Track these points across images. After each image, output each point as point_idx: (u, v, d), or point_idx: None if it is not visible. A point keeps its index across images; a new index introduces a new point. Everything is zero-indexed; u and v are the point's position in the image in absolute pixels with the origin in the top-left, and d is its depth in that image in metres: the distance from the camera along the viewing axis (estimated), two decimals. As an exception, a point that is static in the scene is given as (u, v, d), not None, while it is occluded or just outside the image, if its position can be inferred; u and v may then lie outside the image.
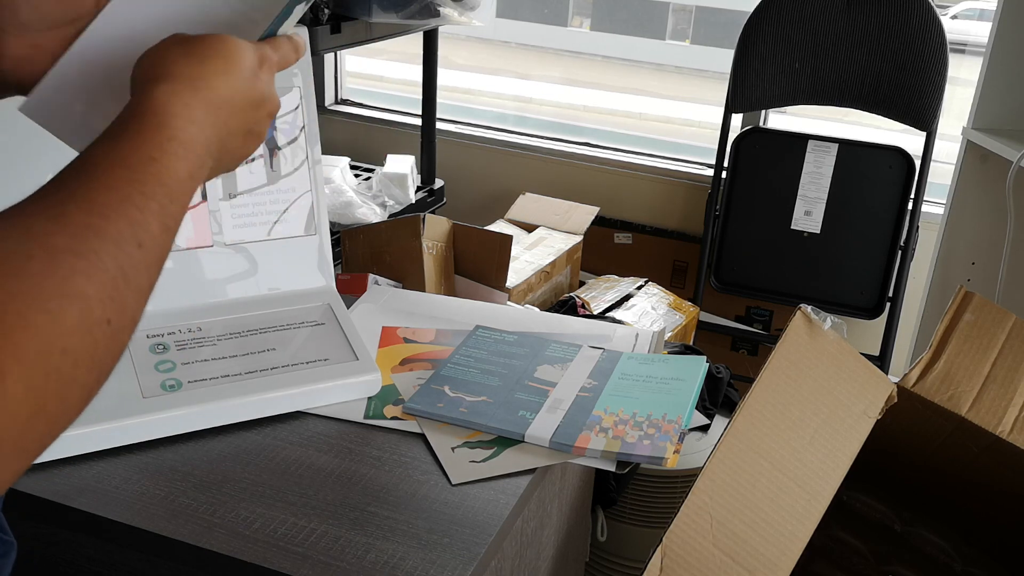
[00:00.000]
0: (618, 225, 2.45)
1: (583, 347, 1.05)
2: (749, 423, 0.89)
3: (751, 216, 2.16)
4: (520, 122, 2.85)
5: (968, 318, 1.06)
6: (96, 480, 0.80)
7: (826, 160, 2.09)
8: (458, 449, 0.87)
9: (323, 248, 1.04)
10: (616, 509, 1.39)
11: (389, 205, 2.11)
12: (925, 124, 2.00)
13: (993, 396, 1.03)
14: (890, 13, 1.98)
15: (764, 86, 2.09)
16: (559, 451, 0.88)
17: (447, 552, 0.74)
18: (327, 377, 0.93)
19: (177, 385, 0.88)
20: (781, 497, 0.87)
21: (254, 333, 0.96)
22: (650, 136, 2.99)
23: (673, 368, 1.00)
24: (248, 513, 0.77)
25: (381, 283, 1.26)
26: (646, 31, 3.56)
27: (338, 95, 2.79)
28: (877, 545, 1.18)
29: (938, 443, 1.07)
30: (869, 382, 0.97)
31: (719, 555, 0.83)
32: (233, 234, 0.99)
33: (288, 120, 1.00)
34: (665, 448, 0.86)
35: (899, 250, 2.06)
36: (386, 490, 0.81)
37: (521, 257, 1.93)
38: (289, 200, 1.01)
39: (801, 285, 2.15)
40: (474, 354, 1.03)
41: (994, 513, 1.15)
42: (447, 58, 2.53)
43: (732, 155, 2.15)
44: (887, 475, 1.16)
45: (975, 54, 2.08)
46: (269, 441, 0.88)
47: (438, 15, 1.93)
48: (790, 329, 0.94)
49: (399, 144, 2.53)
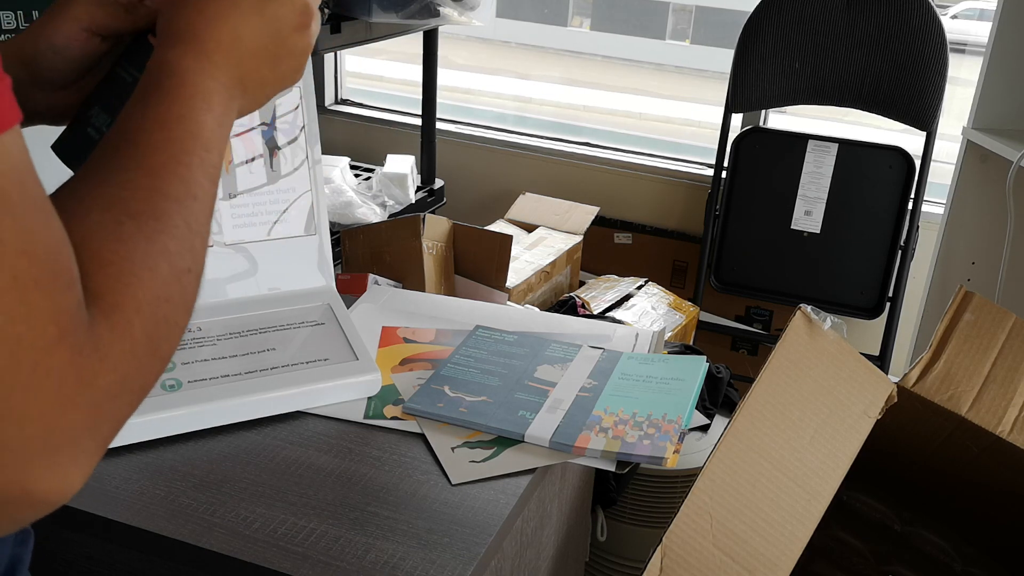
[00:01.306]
0: (618, 225, 2.45)
1: (583, 347, 1.05)
2: (749, 423, 0.89)
3: (751, 216, 2.16)
4: (520, 122, 2.85)
5: (968, 318, 1.06)
6: (96, 480, 0.80)
7: (826, 160, 2.09)
8: (458, 449, 0.87)
9: (323, 248, 1.04)
10: (616, 509, 1.39)
11: (389, 205, 2.11)
12: (925, 124, 2.00)
13: (993, 396, 1.03)
14: (890, 13, 1.98)
15: (764, 86, 2.09)
16: (559, 451, 0.88)
17: (447, 552, 0.74)
18: (327, 377, 0.93)
19: (177, 385, 0.88)
20: (781, 497, 0.87)
21: (254, 333, 0.96)
22: (650, 136, 2.99)
23: (673, 368, 1.00)
24: (248, 513, 0.77)
25: (381, 283, 1.26)
26: (646, 31, 3.56)
27: (338, 95, 2.79)
28: (877, 545, 1.18)
29: (938, 443, 1.07)
30: (869, 382, 0.97)
31: (719, 555, 0.83)
32: (233, 234, 0.99)
33: (288, 120, 1.00)
34: (665, 448, 0.86)
35: (899, 250, 2.06)
36: (386, 490, 0.81)
37: (521, 257, 1.93)
38: (289, 200, 1.01)
39: (801, 285, 2.15)
40: (474, 354, 1.03)
41: (994, 513, 1.15)
42: (447, 58, 2.53)
43: (732, 155, 2.15)
44: (887, 475, 1.16)
45: (975, 54, 2.08)
46: (269, 441, 0.88)
47: (438, 15, 1.93)
48: (790, 329, 0.94)
49: (399, 144, 2.53)
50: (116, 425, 0.41)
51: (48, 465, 0.36)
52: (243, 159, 0.98)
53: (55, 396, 0.36)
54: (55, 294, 0.37)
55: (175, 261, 0.45)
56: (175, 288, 0.44)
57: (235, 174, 0.98)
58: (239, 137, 0.98)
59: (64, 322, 0.37)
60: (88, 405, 0.38)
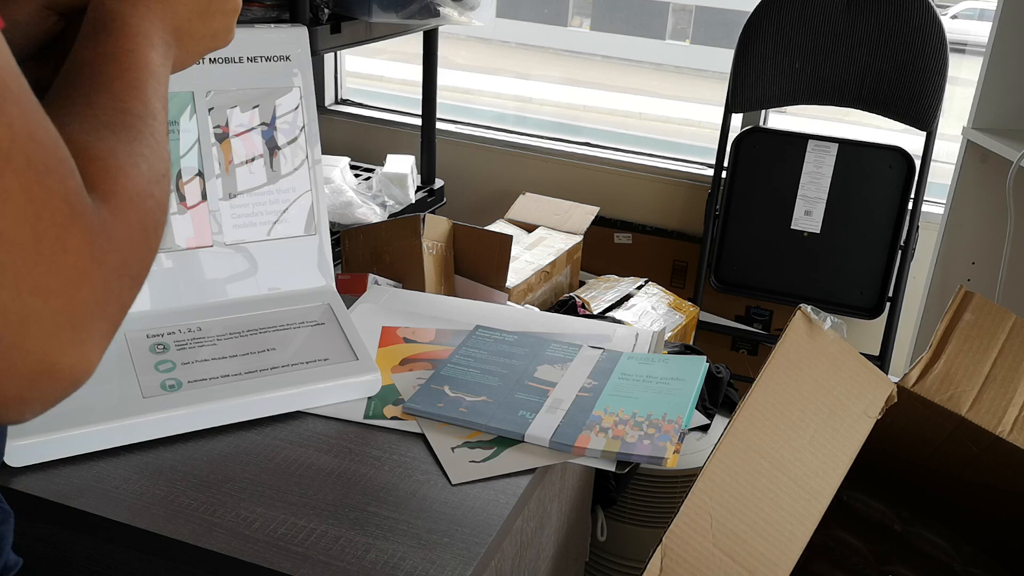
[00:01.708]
0: (618, 225, 2.45)
1: (583, 347, 1.05)
2: (749, 423, 0.89)
3: (751, 216, 2.16)
4: (520, 122, 2.85)
5: (968, 318, 1.06)
6: (96, 480, 0.80)
7: (826, 160, 2.09)
8: (458, 449, 0.87)
9: (323, 248, 1.04)
10: (616, 509, 1.39)
11: (389, 205, 2.11)
12: (925, 124, 2.00)
13: (993, 396, 1.03)
14: (890, 13, 1.98)
15: (764, 86, 2.09)
16: (559, 451, 0.88)
17: (447, 552, 0.74)
18: (327, 377, 0.93)
19: (177, 385, 0.88)
20: (781, 497, 0.87)
21: (254, 333, 0.96)
22: (650, 136, 2.99)
23: (673, 368, 1.00)
24: (248, 513, 0.77)
25: (381, 283, 1.27)
26: (646, 31, 3.56)
27: (338, 95, 2.79)
28: (877, 545, 1.18)
29: (938, 443, 1.07)
30: (869, 382, 0.97)
31: (719, 555, 0.83)
32: (233, 234, 0.99)
33: (288, 120, 1.00)
34: (665, 448, 0.86)
35: (899, 250, 2.06)
36: (386, 490, 0.81)
37: (521, 257, 1.93)
38: (289, 200, 1.01)
39: (801, 285, 2.15)
40: (474, 354, 1.03)
41: (994, 513, 1.15)
42: (447, 58, 2.53)
43: (732, 155, 2.15)
44: (887, 475, 1.16)
45: (975, 54, 2.08)
46: (269, 441, 0.88)
47: (438, 15, 1.93)
48: (790, 329, 0.94)
49: (399, 144, 2.53)
50: (121, 309, 0.44)
51: (71, 339, 0.39)
52: (243, 159, 0.98)
53: (73, 271, 0.39)
54: (65, 177, 0.39)
55: (152, 164, 0.48)
56: (155, 188, 0.48)
57: (235, 174, 0.98)
58: (239, 137, 0.98)
59: (75, 203, 0.40)
60: (100, 282, 0.41)
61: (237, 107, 0.97)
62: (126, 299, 0.45)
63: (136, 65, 0.54)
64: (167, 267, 0.95)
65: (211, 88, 0.96)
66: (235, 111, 0.97)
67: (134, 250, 0.44)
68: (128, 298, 0.45)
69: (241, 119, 0.98)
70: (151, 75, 0.54)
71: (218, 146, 0.97)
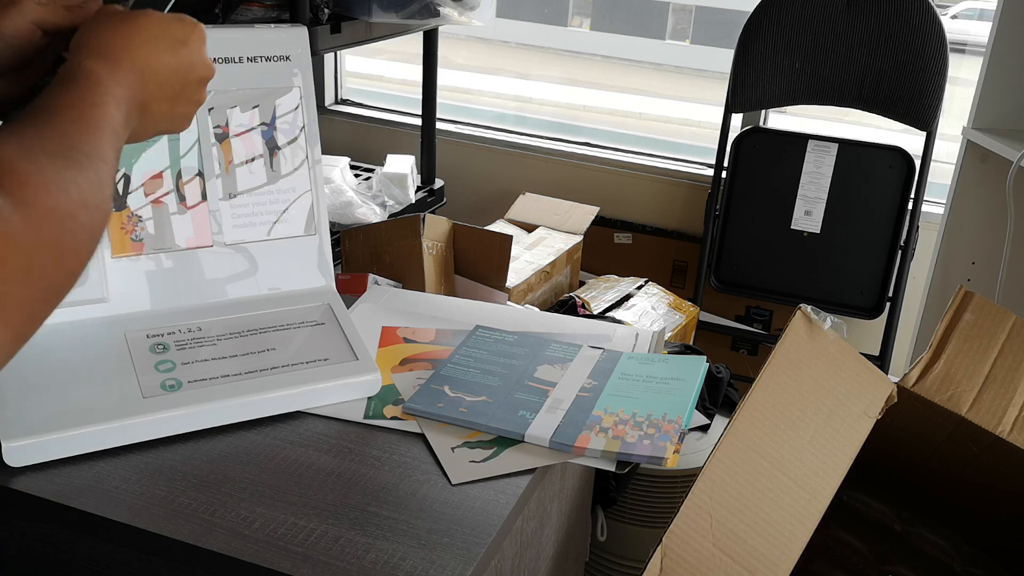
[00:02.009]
0: (618, 225, 2.45)
1: (583, 347, 1.05)
2: (749, 423, 0.89)
3: (751, 216, 2.16)
4: (520, 122, 2.85)
5: (968, 318, 1.06)
6: (96, 480, 0.80)
7: (826, 160, 2.09)
8: (458, 449, 0.87)
9: (323, 248, 1.04)
10: (616, 509, 1.39)
11: (389, 205, 2.11)
12: (925, 124, 2.00)
13: (993, 396, 1.03)
14: (890, 13, 1.98)
15: (764, 86, 2.09)
16: (559, 451, 0.88)
17: (447, 552, 0.74)
18: (327, 377, 0.93)
19: (177, 385, 0.88)
20: (781, 497, 0.87)
21: (254, 333, 0.96)
22: (650, 136, 2.99)
23: (673, 368, 1.00)
24: (248, 513, 0.77)
25: (381, 283, 1.27)
26: (646, 31, 3.56)
27: (338, 95, 2.79)
28: (877, 545, 1.18)
29: (938, 443, 1.07)
30: (869, 382, 0.97)
31: (719, 555, 0.83)
32: (233, 234, 0.99)
33: (288, 120, 1.00)
34: (665, 448, 0.86)
35: (899, 250, 2.06)
36: (386, 490, 0.81)
37: (521, 257, 1.93)
38: (289, 200, 1.01)
39: (801, 285, 2.15)
40: (474, 354, 1.03)
41: (994, 513, 1.15)
42: (447, 58, 2.53)
43: (732, 155, 2.15)
44: (887, 475, 1.16)
45: (975, 54, 2.08)
46: (269, 441, 0.88)
47: (438, 15, 1.93)
48: (790, 329, 0.94)
49: (399, 144, 2.53)
50: (27, 320, 0.45)
51: None
52: (243, 159, 0.98)
53: None
54: None
55: (85, 193, 0.50)
56: (82, 212, 0.49)
57: (235, 174, 0.98)
58: (239, 137, 0.98)
59: None
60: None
61: (237, 107, 0.97)
62: (33, 312, 0.45)
63: (98, 116, 0.56)
64: (167, 267, 0.95)
65: (211, 88, 0.96)
66: (235, 111, 0.97)
67: (42, 263, 0.45)
68: (35, 311, 0.46)
69: (241, 119, 0.98)
70: (110, 129, 0.56)
71: (218, 146, 0.97)
